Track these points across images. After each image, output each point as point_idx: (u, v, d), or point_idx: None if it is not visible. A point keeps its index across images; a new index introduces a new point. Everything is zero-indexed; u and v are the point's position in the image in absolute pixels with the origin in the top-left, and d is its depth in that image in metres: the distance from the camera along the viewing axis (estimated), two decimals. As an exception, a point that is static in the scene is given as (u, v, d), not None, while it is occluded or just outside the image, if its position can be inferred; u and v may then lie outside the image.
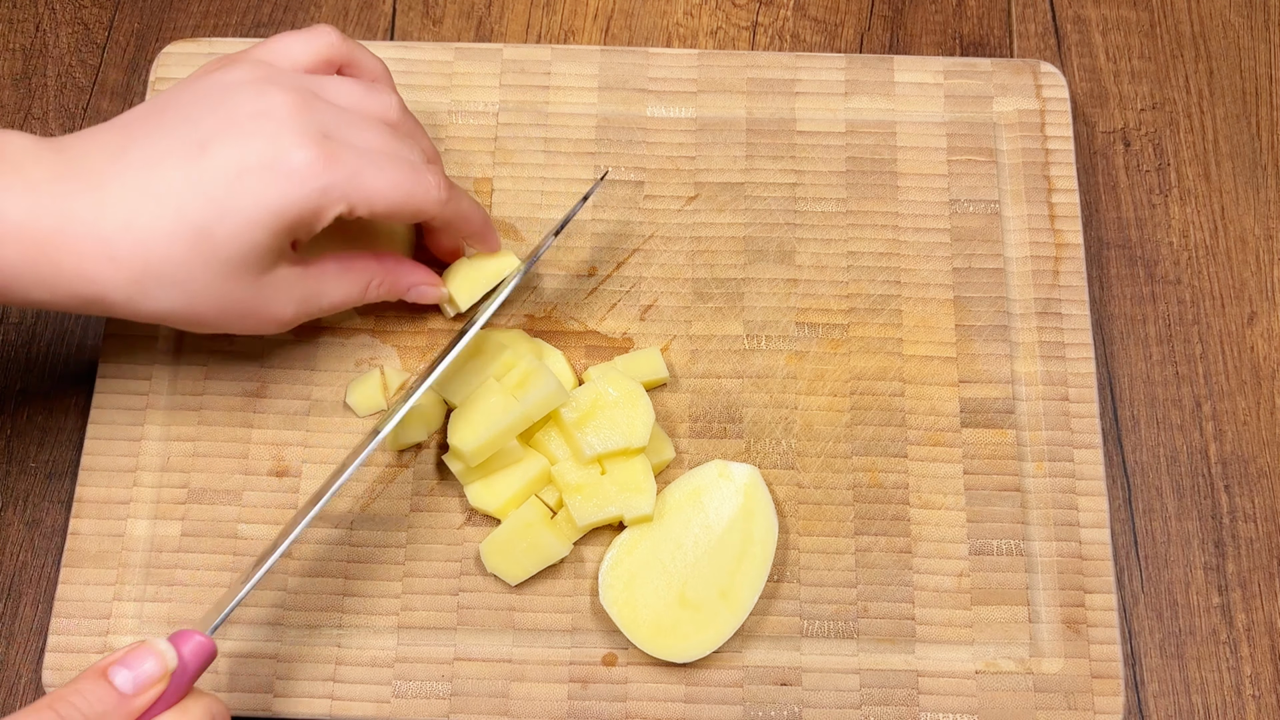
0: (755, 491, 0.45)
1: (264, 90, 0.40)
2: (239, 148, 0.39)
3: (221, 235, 0.39)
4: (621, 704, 0.44)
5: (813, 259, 0.50)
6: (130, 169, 0.39)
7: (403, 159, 0.42)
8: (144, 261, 0.38)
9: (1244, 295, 0.52)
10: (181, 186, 0.38)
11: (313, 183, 0.39)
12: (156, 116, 0.40)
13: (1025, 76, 0.52)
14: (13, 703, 0.47)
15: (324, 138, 0.40)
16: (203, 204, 0.38)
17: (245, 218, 0.39)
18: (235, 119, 0.39)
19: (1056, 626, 0.45)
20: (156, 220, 0.38)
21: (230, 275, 0.40)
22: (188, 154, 0.39)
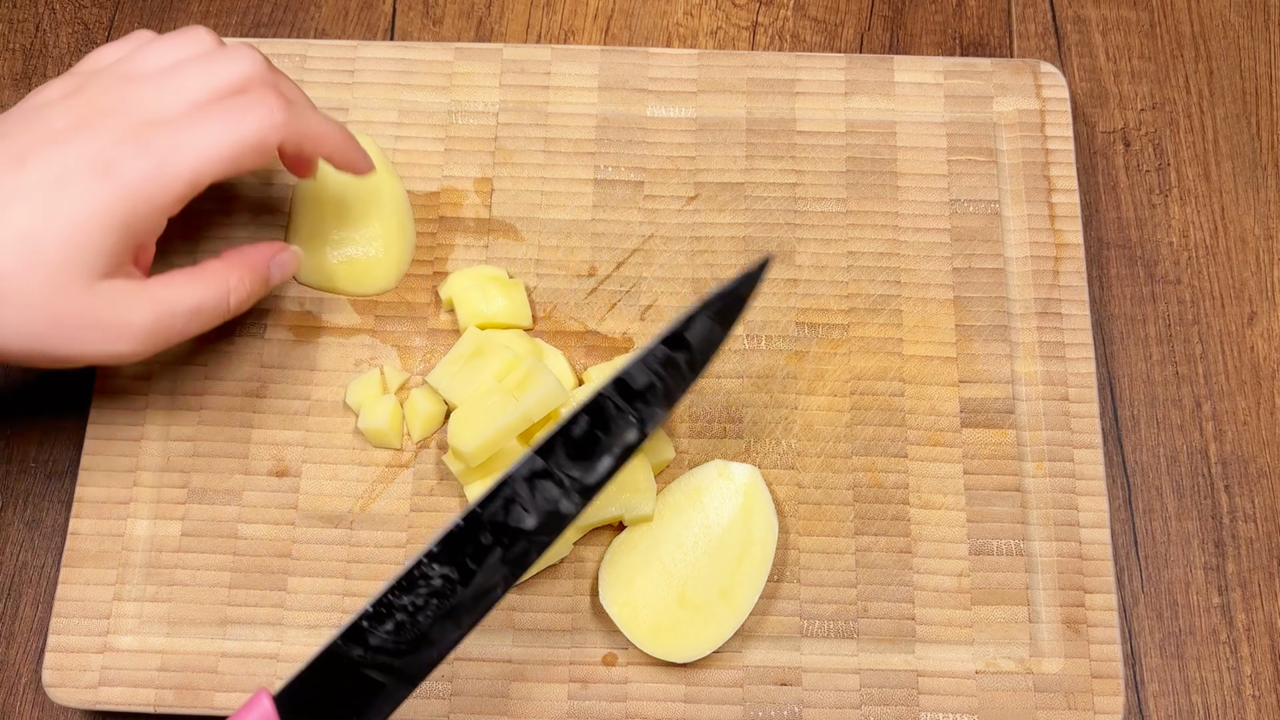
0: (755, 491, 0.45)
1: (74, 101, 0.39)
2: (57, 155, 0.38)
3: (49, 239, 0.37)
4: (621, 704, 0.44)
5: (813, 259, 0.50)
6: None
7: (223, 106, 0.39)
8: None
9: (1244, 295, 0.52)
10: (3, 195, 0.37)
11: (132, 171, 0.38)
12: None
13: (1025, 76, 0.52)
14: (13, 703, 0.47)
15: (140, 125, 0.38)
16: (27, 211, 0.37)
17: (70, 219, 0.37)
18: (50, 132, 0.38)
19: (1056, 626, 0.45)
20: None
21: (60, 284, 0.37)
22: (5, 167, 0.38)
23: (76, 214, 0.37)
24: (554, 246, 0.50)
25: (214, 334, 0.49)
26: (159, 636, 0.45)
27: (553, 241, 0.50)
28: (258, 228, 0.50)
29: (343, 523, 0.46)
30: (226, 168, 0.39)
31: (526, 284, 0.50)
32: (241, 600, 0.45)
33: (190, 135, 0.39)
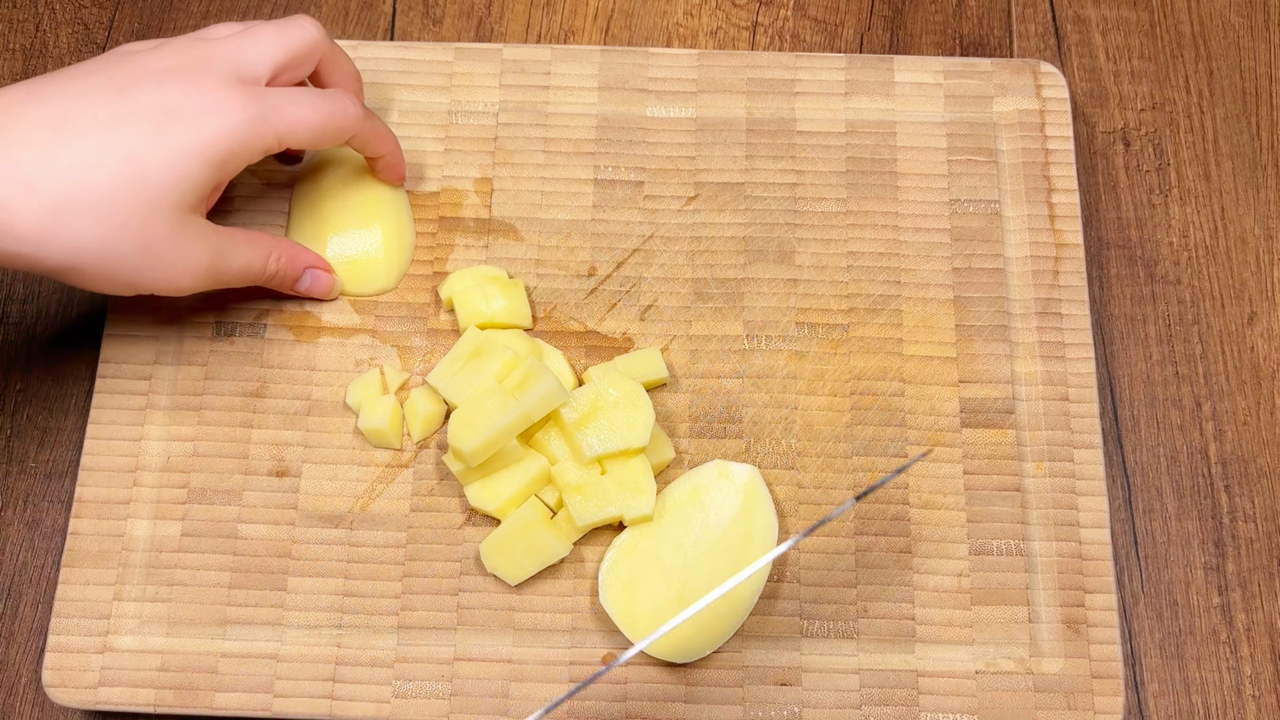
0: (755, 491, 0.45)
1: (164, 50, 0.41)
2: (160, 91, 0.39)
3: (153, 161, 0.38)
4: (621, 704, 0.44)
5: (813, 259, 0.50)
6: (45, 107, 0.38)
7: (312, 91, 0.43)
8: (64, 188, 0.37)
9: (1244, 295, 0.52)
10: (105, 120, 0.38)
11: (239, 114, 0.40)
12: (63, 74, 0.40)
13: (1025, 76, 0.52)
14: (13, 703, 0.47)
15: (237, 79, 0.41)
16: (131, 134, 0.38)
17: (178, 145, 0.38)
18: (148, 70, 0.40)
19: (1056, 626, 0.45)
20: (78, 149, 0.37)
21: (157, 208, 0.39)
22: (108, 95, 0.38)
23: (183, 145, 0.39)
24: (554, 246, 0.50)
25: (214, 334, 0.49)
26: (159, 636, 0.45)
27: (553, 241, 0.50)
28: (257, 228, 0.50)
29: (343, 523, 0.46)
30: (311, 136, 0.43)
31: (526, 284, 0.50)
32: (241, 600, 0.45)
33: (287, 101, 0.42)
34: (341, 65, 0.47)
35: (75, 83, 0.39)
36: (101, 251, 0.39)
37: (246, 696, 0.44)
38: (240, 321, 0.49)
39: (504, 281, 0.49)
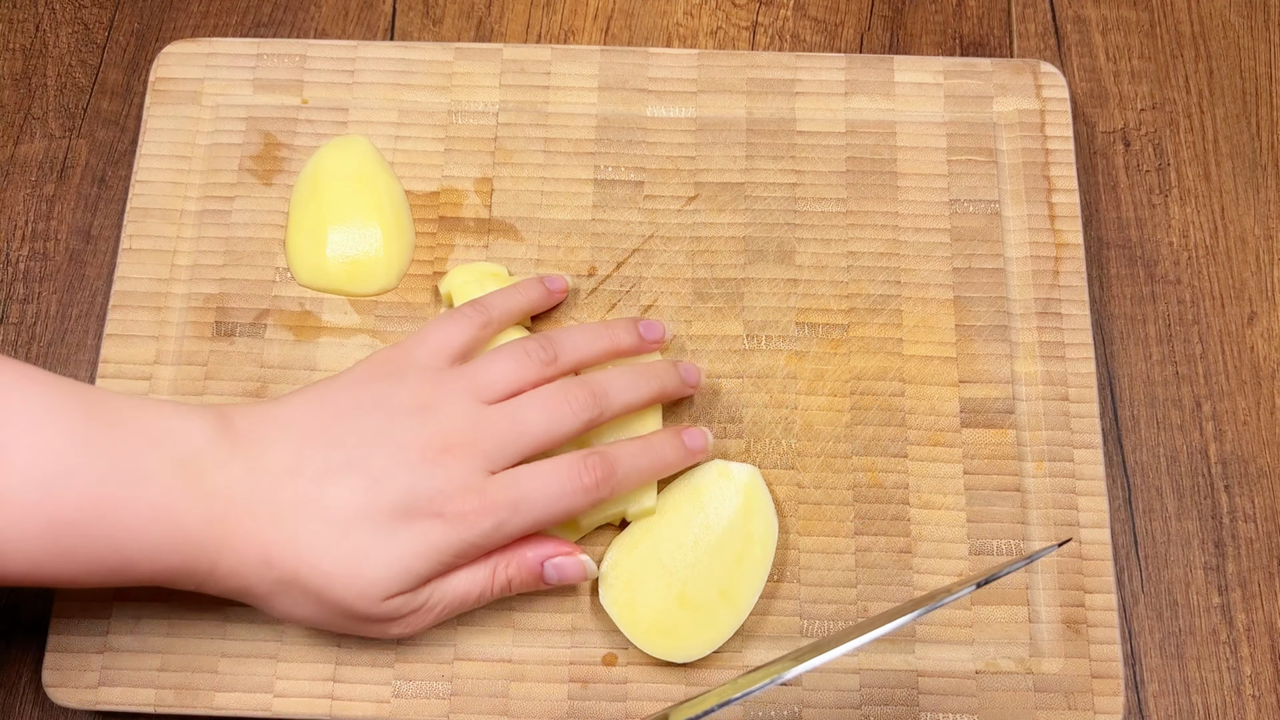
0: (755, 491, 0.45)
1: (428, 425, 0.41)
2: (411, 490, 0.40)
3: (378, 558, 0.40)
4: (621, 704, 0.44)
5: (813, 259, 0.50)
6: (305, 486, 0.40)
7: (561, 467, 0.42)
8: (294, 569, 0.40)
9: (1244, 295, 0.52)
10: (352, 513, 0.40)
11: (474, 529, 0.41)
12: (328, 425, 0.41)
13: (1025, 76, 0.52)
14: (13, 703, 0.47)
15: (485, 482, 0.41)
16: (368, 532, 0.40)
17: (407, 549, 0.40)
18: (405, 459, 0.41)
19: (1056, 626, 0.45)
20: (319, 537, 0.40)
21: (368, 595, 0.40)
22: (363, 485, 0.40)
23: (412, 548, 0.40)
24: (554, 246, 0.50)
25: (214, 334, 0.49)
26: (159, 636, 0.45)
27: (553, 241, 0.50)
28: (257, 228, 0.50)
29: (343, 523, 0.46)
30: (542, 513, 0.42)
31: (526, 284, 0.50)
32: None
33: (528, 503, 0.41)
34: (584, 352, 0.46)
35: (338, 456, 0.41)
36: (310, 621, 0.42)
37: (246, 696, 0.44)
38: (240, 321, 0.49)
39: (503, 277, 0.49)
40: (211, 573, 0.40)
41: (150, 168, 0.51)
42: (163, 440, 0.39)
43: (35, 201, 0.54)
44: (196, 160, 0.51)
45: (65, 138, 0.55)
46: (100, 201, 0.54)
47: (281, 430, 0.41)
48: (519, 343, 0.44)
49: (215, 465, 0.39)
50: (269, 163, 0.51)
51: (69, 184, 0.54)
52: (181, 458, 0.39)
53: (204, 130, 0.52)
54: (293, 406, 0.42)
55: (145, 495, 0.38)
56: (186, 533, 0.39)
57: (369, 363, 0.44)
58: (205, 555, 0.39)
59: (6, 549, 0.36)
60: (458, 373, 0.43)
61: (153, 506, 0.38)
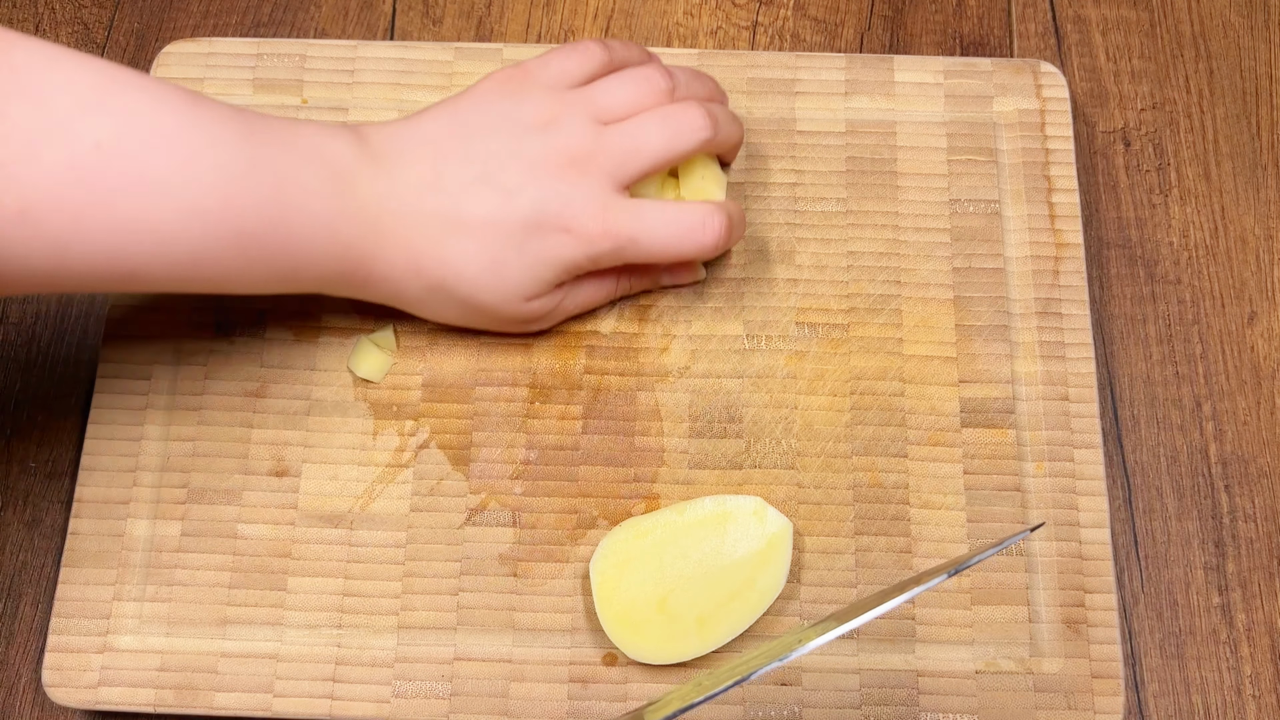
0: (779, 545, 0.45)
1: (555, 138, 0.44)
2: (540, 204, 0.43)
3: (514, 267, 0.44)
4: (621, 704, 0.44)
5: (813, 259, 0.50)
6: (445, 197, 0.43)
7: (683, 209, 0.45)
8: (442, 276, 0.44)
9: (1244, 295, 0.52)
10: (489, 224, 0.43)
11: (596, 247, 0.44)
12: (463, 140, 0.44)
13: (1025, 76, 0.52)
14: (13, 703, 0.47)
15: (609, 201, 0.44)
16: (503, 242, 0.43)
17: (537, 259, 0.44)
18: (535, 173, 0.44)
19: (1056, 626, 0.45)
20: (461, 245, 0.43)
21: (508, 298, 0.45)
22: (496, 198, 0.43)
23: (542, 257, 0.44)
24: (554, 246, 0.50)
25: (214, 334, 0.49)
26: (159, 636, 0.45)
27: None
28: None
29: (343, 523, 0.46)
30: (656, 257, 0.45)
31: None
32: (241, 600, 0.45)
33: (646, 239, 0.45)
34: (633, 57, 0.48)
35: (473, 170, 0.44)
36: (459, 320, 0.47)
37: (246, 696, 0.44)
38: (240, 321, 0.49)
39: None
40: (368, 279, 0.43)
41: (150, 168, 0.51)
42: (317, 156, 0.41)
43: (35, 201, 0.53)
44: (196, 160, 0.51)
45: (65, 138, 0.55)
46: (100, 201, 0.54)
47: (416, 147, 0.44)
48: (639, 69, 0.46)
49: (361, 181, 0.42)
50: (269, 163, 0.51)
51: (69, 184, 0.54)
52: (335, 172, 0.42)
53: (204, 130, 0.52)
54: (423, 124, 0.45)
55: (310, 206, 0.41)
56: (346, 242, 0.42)
57: (492, 80, 0.46)
58: (363, 263, 0.43)
59: (201, 258, 0.39)
60: (578, 93, 0.45)
61: (317, 216, 0.41)
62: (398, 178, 0.43)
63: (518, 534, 0.46)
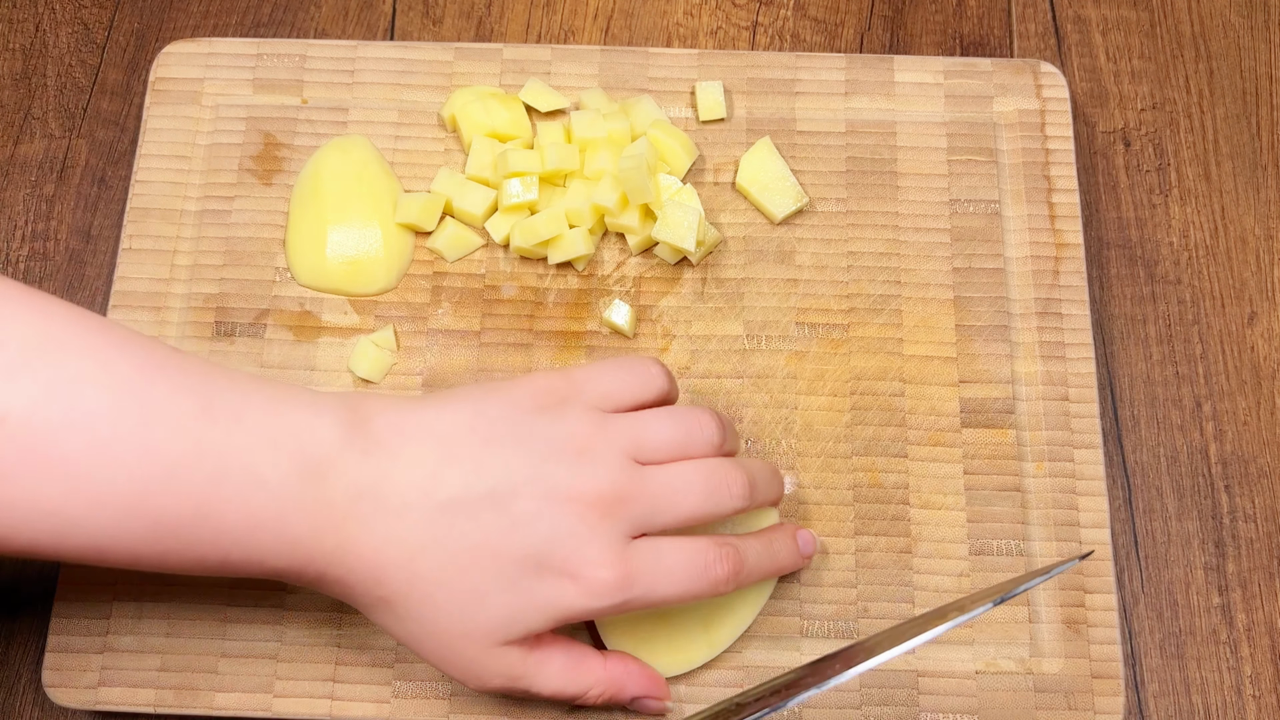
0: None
1: (585, 470, 0.38)
2: (547, 545, 0.37)
3: (494, 606, 0.38)
4: (621, 704, 0.44)
5: (813, 259, 0.50)
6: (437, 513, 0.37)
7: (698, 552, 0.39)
8: (406, 594, 0.37)
9: (1244, 295, 0.52)
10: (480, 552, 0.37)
11: (606, 600, 0.38)
12: (479, 447, 0.38)
13: (1025, 76, 0.52)
14: (13, 703, 0.47)
15: (626, 549, 0.38)
16: (494, 575, 0.37)
17: (528, 602, 0.38)
18: (551, 505, 0.38)
19: (1056, 626, 0.45)
20: (438, 570, 0.37)
21: (475, 640, 0.38)
22: (498, 527, 0.37)
23: (537, 602, 0.38)
24: (554, 246, 0.50)
25: (214, 334, 0.49)
26: (159, 637, 0.45)
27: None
28: (257, 228, 0.50)
29: (343, 523, 0.46)
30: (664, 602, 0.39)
31: (528, 283, 0.50)
32: (241, 600, 0.45)
33: (663, 584, 0.39)
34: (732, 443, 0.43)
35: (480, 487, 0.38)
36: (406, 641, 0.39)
37: (246, 696, 0.44)
38: (240, 321, 0.49)
39: (503, 98, 0.51)
40: (320, 579, 0.38)
41: (150, 168, 0.51)
42: (284, 441, 0.36)
43: (35, 201, 0.54)
44: (196, 160, 0.51)
45: (65, 138, 0.55)
46: (100, 201, 0.54)
47: (422, 440, 0.38)
48: (688, 410, 0.42)
49: (339, 471, 0.37)
50: (269, 163, 0.51)
51: (69, 184, 0.54)
52: (302, 460, 0.36)
53: (204, 130, 0.52)
54: (440, 416, 0.39)
55: (254, 500, 0.36)
56: (295, 539, 0.36)
57: (531, 386, 0.40)
58: (313, 563, 0.37)
59: (106, 545, 0.35)
60: (621, 422, 0.40)
61: (262, 511, 0.36)
62: (386, 473, 0.37)
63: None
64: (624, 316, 0.48)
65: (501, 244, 0.50)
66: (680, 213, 0.48)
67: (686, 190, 0.50)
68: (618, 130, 0.50)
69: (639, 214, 0.49)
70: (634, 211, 0.49)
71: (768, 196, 0.50)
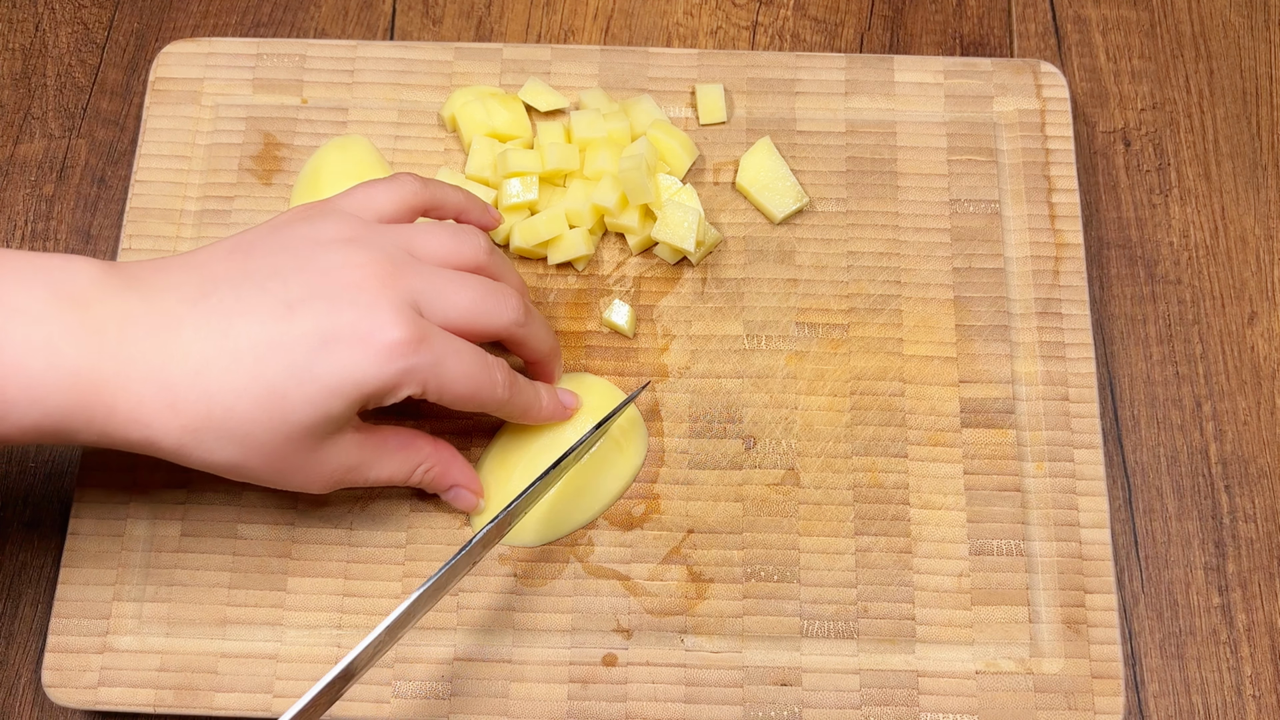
0: (636, 425, 0.47)
1: (355, 252, 0.39)
2: (328, 316, 0.37)
3: (296, 399, 0.37)
4: (621, 704, 0.44)
5: (813, 259, 0.50)
6: (209, 317, 0.37)
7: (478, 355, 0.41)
8: (206, 413, 0.37)
9: (1244, 295, 0.52)
10: (263, 346, 0.37)
11: (399, 363, 0.38)
12: (240, 263, 0.38)
13: (1025, 76, 0.52)
14: (13, 703, 0.47)
15: (415, 316, 0.39)
16: (282, 366, 0.37)
17: (324, 385, 0.37)
18: (326, 284, 0.38)
19: (1056, 626, 0.45)
20: (229, 375, 0.37)
21: (293, 438, 0.38)
22: (274, 313, 0.37)
23: (329, 383, 0.37)
24: (554, 246, 0.50)
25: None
26: (159, 636, 0.45)
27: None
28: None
29: (342, 523, 0.46)
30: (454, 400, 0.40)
31: (529, 284, 0.50)
32: (241, 600, 0.45)
33: (453, 361, 0.39)
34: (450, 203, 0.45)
35: (248, 287, 0.38)
36: (232, 467, 0.38)
37: (246, 696, 0.44)
38: (240, 321, 0.49)
39: (503, 98, 0.51)
40: (109, 417, 0.36)
41: (150, 167, 0.51)
42: (35, 276, 0.36)
43: (35, 201, 0.54)
44: (196, 160, 0.51)
45: (65, 138, 0.55)
46: (100, 201, 0.54)
47: (183, 269, 0.38)
48: (459, 226, 0.43)
49: (100, 300, 0.36)
50: (269, 162, 0.51)
51: (69, 184, 0.54)
52: (59, 292, 0.36)
53: (204, 130, 0.52)
54: (197, 254, 0.39)
55: (14, 328, 0.35)
56: (73, 370, 0.35)
57: (287, 212, 0.41)
58: (99, 396, 0.36)
59: None
60: (389, 227, 0.41)
61: (27, 339, 0.35)
62: (149, 298, 0.37)
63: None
64: (624, 316, 0.48)
65: (501, 244, 0.50)
66: (680, 213, 0.48)
67: (686, 190, 0.50)
68: (618, 130, 0.50)
69: (639, 214, 0.49)
70: (634, 211, 0.49)
71: (768, 196, 0.50)
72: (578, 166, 0.50)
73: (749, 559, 0.46)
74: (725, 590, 0.46)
